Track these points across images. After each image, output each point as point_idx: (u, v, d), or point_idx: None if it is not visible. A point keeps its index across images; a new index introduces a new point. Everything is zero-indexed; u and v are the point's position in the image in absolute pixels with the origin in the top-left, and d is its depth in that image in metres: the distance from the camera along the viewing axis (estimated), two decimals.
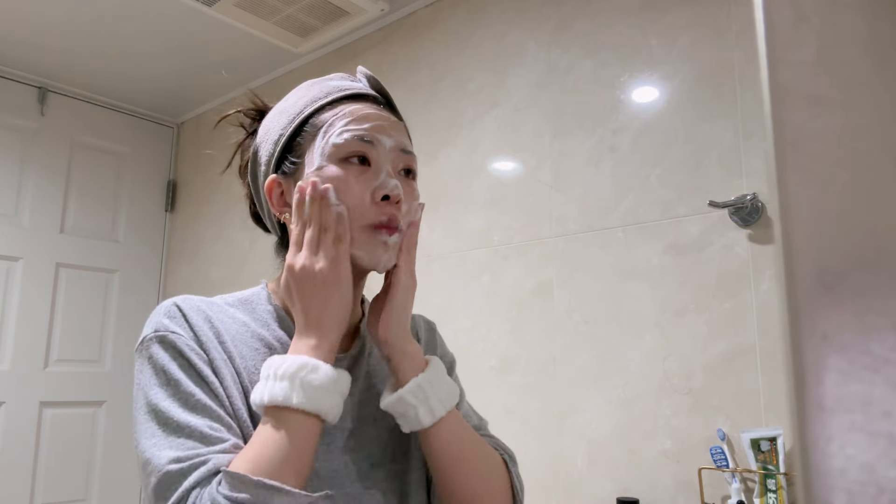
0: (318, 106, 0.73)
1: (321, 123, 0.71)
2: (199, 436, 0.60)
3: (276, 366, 0.62)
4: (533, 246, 1.67)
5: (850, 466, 0.22)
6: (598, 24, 1.63)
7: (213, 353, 0.66)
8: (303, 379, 0.61)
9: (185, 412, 0.61)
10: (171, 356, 0.65)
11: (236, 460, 0.59)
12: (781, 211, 0.24)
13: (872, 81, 0.25)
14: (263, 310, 0.75)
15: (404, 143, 0.73)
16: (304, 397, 0.60)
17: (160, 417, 0.62)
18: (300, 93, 0.76)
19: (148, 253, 2.87)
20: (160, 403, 0.62)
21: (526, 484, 0.80)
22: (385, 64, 2.14)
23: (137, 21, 2.22)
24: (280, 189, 0.73)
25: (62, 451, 2.50)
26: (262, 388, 0.62)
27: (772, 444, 1.20)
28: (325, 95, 0.73)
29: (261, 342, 0.71)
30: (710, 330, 1.34)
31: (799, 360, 0.23)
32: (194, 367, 0.64)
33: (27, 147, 2.57)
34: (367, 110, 0.72)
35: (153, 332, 0.66)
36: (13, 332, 2.44)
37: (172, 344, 0.65)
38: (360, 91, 0.75)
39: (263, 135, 0.76)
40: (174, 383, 0.63)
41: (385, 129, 0.71)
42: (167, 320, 0.67)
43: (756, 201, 1.31)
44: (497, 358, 1.69)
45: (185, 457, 0.59)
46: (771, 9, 0.26)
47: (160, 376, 0.64)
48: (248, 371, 0.68)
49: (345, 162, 0.69)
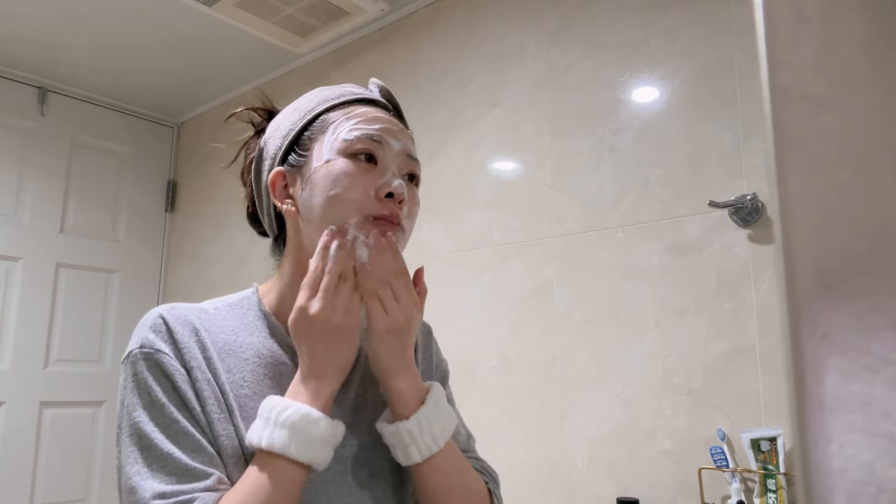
0: (329, 105, 0.74)
1: (331, 120, 0.72)
2: (182, 469, 0.60)
3: (278, 411, 0.62)
4: (533, 246, 1.67)
5: (850, 466, 0.22)
6: (598, 24, 1.63)
7: (196, 372, 0.66)
8: (302, 431, 0.61)
9: (167, 440, 0.62)
10: (155, 377, 0.64)
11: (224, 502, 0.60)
12: (781, 211, 0.24)
13: (872, 81, 0.25)
14: (254, 316, 0.74)
15: (411, 149, 0.74)
16: (301, 449, 0.61)
17: (143, 443, 0.62)
18: (311, 95, 0.77)
19: (148, 253, 2.87)
20: (144, 427, 0.62)
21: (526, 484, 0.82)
22: (385, 64, 2.14)
23: (137, 21, 2.22)
24: (284, 182, 0.74)
25: (62, 451, 2.50)
26: (261, 431, 0.62)
27: (772, 444, 1.20)
28: (337, 97, 0.75)
29: (250, 351, 0.71)
30: (710, 330, 1.34)
31: (799, 360, 0.23)
32: (177, 391, 0.64)
33: (27, 147, 2.57)
34: (377, 114, 0.73)
35: (139, 348, 0.66)
36: (13, 332, 2.44)
37: (157, 363, 0.65)
38: (370, 97, 0.76)
39: (272, 132, 0.77)
40: (158, 406, 0.63)
41: (394, 133, 0.72)
42: (152, 335, 0.66)
43: (756, 201, 1.31)
44: (497, 358, 1.69)
45: (170, 492, 0.59)
46: (771, 9, 0.26)
47: (143, 397, 0.64)
48: (235, 385, 0.68)
49: (353, 157, 0.70)
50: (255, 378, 0.69)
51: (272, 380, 0.70)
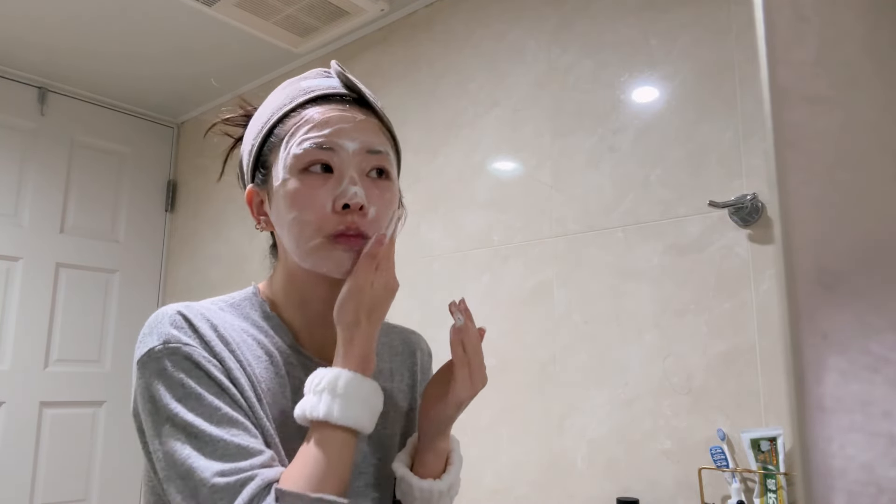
0: (282, 114, 0.71)
1: (284, 133, 0.69)
2: (235, 448, 0.59)
3: (331, 380, 0.63)
4: (533, 246, 1.67)
5: (850, 466, 0.22)
6: (598, 24, 1.63)
7: (227, 362, 0.65)
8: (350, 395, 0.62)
9: (213, 427, 0.60)
10: (186, 369, 0.62)
11: (286, 476, 0.59)
12: (781, 211, 0.24)
13: (872, 81, 0.25)
14: (258, 315, 0.73)
15: (371, 144, 0.69)
16: (348, 414, 0.62)
17: (189, 431, 0.60)
18: (272, 97, 0.75)
19: (148, 253, 2.87)
20: (185, 417, 0.60)
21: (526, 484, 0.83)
22: (385, 64, 2.14)
23: (137, 21, 2.22)
24: (259, 198, 0.73)
25: (62, 451, 2.50)
26: (316, 402, 0.62)
27: (772, 444, 1.20)
28: (290, 101, 0.71)
29: (261, 349, 0.70)
30: (710, 330, 1.34)
31: (799, 360, 0.23)
32: (213, 379, 0.63)
33: (27, 147, 2.57)
34: (330, 113, 0.69)
35: (162, 344, 0.63)
36: (13, 332, 2.44)
37: (187, 356, 0.63)
38: (325, 91, 0.71)
39: (245, 142, 0.76)
40: (196, 397, 0.61)
41: (347, 132, 0.68)
42: (175, 331, 0.64)
43: (756, 201, 1.30)
44: (497, 358, 1.68)
45: (230, 470, 0.58)
46: (771, 9, 0.26)
47: (177, 390, 0.61)
48: (255, 378, 0.67)
49: (306, 172, 0.67)
50: (268, 376, 0.69)
51: (281, 378, 0.70)
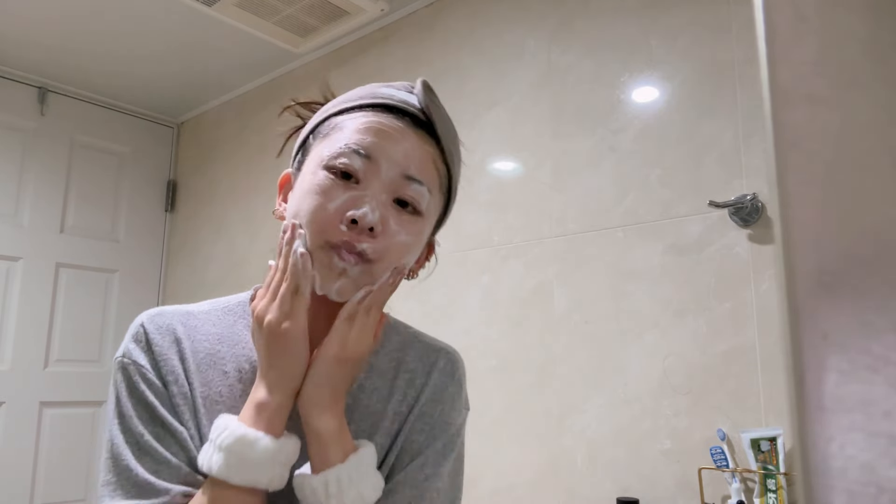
0: (343, 108, 0.67)
1: (332, 126, 0.66)
2: (143, 484, 0.60)
3: (218, 433, 0.59)
4: (533, 246, 1.67)
5: (850, 466, 0.22)
6: (598, 23, 1.63)
7: (172, 387, 0.64)
8: (239, 454, 0.57)
9: (131, 454, 0.61)
10: (129, 388, 0.64)
11: None
12: (781, 211, 0.24)
13: (872, 81, 0.25)
14: (244, 324, 0.71)
15: (411, 170, 0.63)
16: (240, 473, 0.57)
17: (113, 451, 0.62)
18: (348, 92, 0.70)
19: (148, 253, 2.86)
20: (115, 437, 0.63)
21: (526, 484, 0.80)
22: (385, 64, 2.14)
23: (137, 21, 2.22)
24: (290, 185, 0.69)
25: (62, 451, 2.50)
26: (205, 454, 0.60)
27: (772, 444, 1.20)
28: (357, 99, 0.67)
29: (231, 365, 0.68)
30: (710, 330, 1.34)
31: (799, 360, 0.23)
32: (148, 406, 0.63)
33: (27, 147, 2.57)
34: (387, 123, 0.64)
35: (120, 357, 0.65)
36: (13, 332, 2.44)
37: (129, 376, 0.64)
38: (396, 104, 0.66)
39: (305, 127, 0.73)
40: (127, 418, 0.63)
41: (391, 149, 0.63)
42: (133, 345, 0.66)
43: (756, 201, 1.30)
44: (497, 358, 1.68)
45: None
46: (771, 9, 0.26)
47: (117, 406, 0.64)
48: (210, 401, 0.65)
49: (333, 171, 0.63)
50: (232, 394, 0.66)
51: (246, 395, 0.65)
